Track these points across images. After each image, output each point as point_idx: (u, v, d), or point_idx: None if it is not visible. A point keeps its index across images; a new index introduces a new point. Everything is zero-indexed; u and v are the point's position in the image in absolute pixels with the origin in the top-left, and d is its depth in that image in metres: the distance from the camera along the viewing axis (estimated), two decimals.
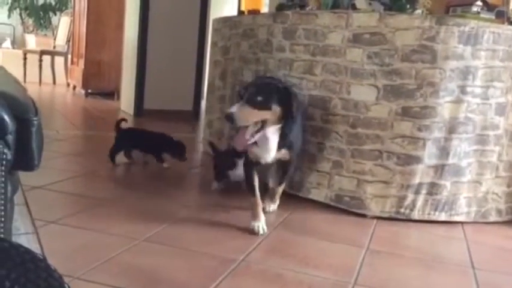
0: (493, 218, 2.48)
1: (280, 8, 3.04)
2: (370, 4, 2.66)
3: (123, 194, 2.43)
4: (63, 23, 7.70)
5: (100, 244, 1.74)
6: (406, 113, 2.29)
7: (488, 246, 2.17)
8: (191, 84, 5.22)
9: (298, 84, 2.54)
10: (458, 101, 2.29)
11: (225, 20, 3.45)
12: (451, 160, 2.34)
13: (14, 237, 1.55)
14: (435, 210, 2.37)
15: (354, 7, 2.62)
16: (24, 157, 1.21)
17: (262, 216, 2.05)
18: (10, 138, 1.16)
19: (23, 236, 1.74)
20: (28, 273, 0.74)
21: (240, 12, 3.72)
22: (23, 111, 1.21)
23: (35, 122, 1.23)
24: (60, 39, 7.66)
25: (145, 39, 4.99)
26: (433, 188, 2.35)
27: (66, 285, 0.72)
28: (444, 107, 2.28)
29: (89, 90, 6.41)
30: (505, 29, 2.35)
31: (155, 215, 2.12)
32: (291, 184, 2.57)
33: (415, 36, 2.25)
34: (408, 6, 2.65)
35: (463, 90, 2.29)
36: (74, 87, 7.07)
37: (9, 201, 1.21)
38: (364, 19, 2.34)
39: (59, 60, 7.58)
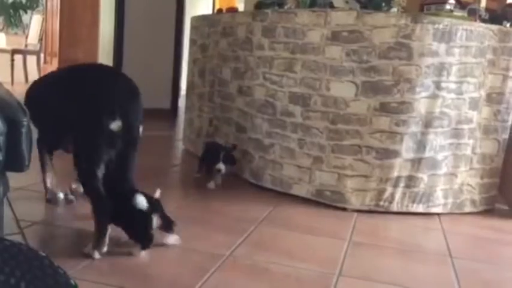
0: (468, 208, 2.58)
1: (258, 6, 3.07)
2: (346, 2, 2.72)
3: None
4: (35, 21, 7.55)
5: (87, 243, 1.75)
6: (384, 108, 2.36)
7: (464, 236, 2.26)
8: (169, 82, 5.21)
9: (278, 81, 2.59)
10: (433, 97, 2.37)
11: (204, 18, 3.47)
12: (427, 153, 2.42)
13: None
14: (413, 202, 2.45)
15: (331, 5, 2.68)
16: (15, 158, 1.22)
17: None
18: (1, 139, 1.16)
19: (8, 237, 1.72)
20: (34, 270, 0.76)
21: (219, 10, 3.74)
22: (13, 113, 1.21)
23: (25, 123, 1.24)
24: (32, 38, 7.52)
25: (122, 37, 4.95)
26: (411, 181, 2.43)
27: (72, 281, 0.74)
28: (420, 102, 2.36)
29: None
30: (477, 26, 2.43)
31: None
32: (274, 180, 2.61)
33: (392, 34, 2.32)
34: (383, 4, 2.72)
35: (438, 86, 2.37)
36: None
37: (1, 201, 1.21)
38: (342, 17, 2.39)
39: (32, 59, 7.44)
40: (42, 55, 7.26)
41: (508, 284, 1.74)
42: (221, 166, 2.53)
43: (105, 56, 5.17)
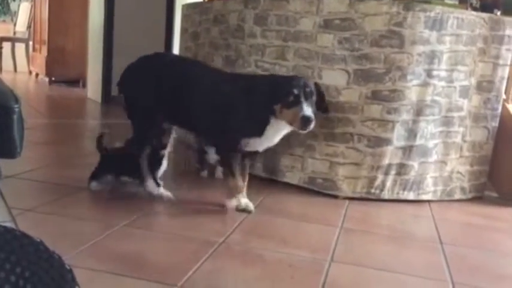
0: (457, 195, 2.61)
1: None
2: None
3: None
4: (23, 8, 7.46)
5: (80, 231, 1.75)
6: (375, 96, 2.37)
7: (454, 223, 2.29)
8: None
9: (271, 69, 2.58)
10: (425, 85, 2.38)
11: (195, 6, 3.44)
12: (418, 141, 2.43)
13: None
14: (404, 189, 2.47)
15: None
16: (7, 145, 1.21)
17: (245, 194, 2.11)
18: None
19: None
20: (29, 255, 0.76)
21: None
22: (5, 100, 1.20)
23: (16, 110, 1.23)
24: (21, 26, 7.43)
25: (111, 24, 4.91)
26: (402, 169, 2.45)
27: (66, 265, 0.74)
28: (412, 90, 2.37)
29: (53, 78, 6.26)
30: (468, 14, 2.44)
31: (133, 201, 2.13)
32: (266, 168, 2.62)
33: (384, 21, 2.32)
34: None
35: (429, 74, 2.38)
36: (37, 75, 6.89)
37: None
38: (334, 5, 2.39)
39: (20, 47, 7.36)
40: (30, 43, 7.19)
41: (496, 269, 1.77)
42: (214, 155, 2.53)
43: (95, 44, 5.12)
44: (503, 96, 2.66)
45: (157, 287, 1.39)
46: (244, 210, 2.08)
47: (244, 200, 2.10)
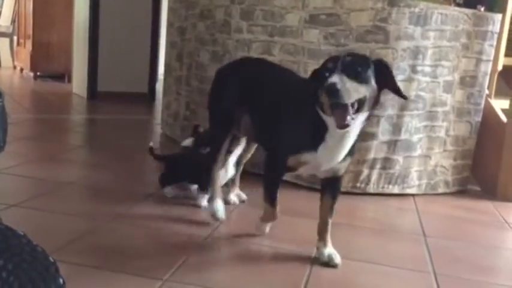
0: (441, 189, 2.64)
1: None
2: None
3: (84, 176, 2.41)
4: (7, 2, 7.35)
5: (66, 226, 1.74)
6: None
7: (437, 216, 2.32)
8: (146, 65, 5.15)
9: None
10: (409, 80, 2.41)
11: (181, 1, 3.43)
12: (403, 136, 2.46)
13: None
14: (389, 183, 2.50)
15: None
16: None
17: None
18: None
19: None
20: (12, 248, 0.76)
21: None
22: None
23: (0, 104, 1.22)
24: (5, 20, 7.33)
25: (97, 19, 4.86)
26: (387, 163, 2.48)
27: (50, 258, 0.74)
28: None
29: (38, 73, 6.20)
30: (452, 10, 2.47)
31: (118, 195, 2.13)
32: (254, 163, 2.63)
33: (369, 17, 2.34)
34: None
35: (413, 69, 2.40)
36: (22, 70, 6.81)
37: None
38: (320, 0, 2.40)
39: (4, 42, 7.27)
40: (15, 37, 7.10)
41: (477, 260, 1.80)
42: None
43: (80, 39, 5.07)
44: (486, 91, 2.70)
45: (142, 281, 1.40)
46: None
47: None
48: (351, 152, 1.57)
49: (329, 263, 1.61)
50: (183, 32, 3.29)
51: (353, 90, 1.37)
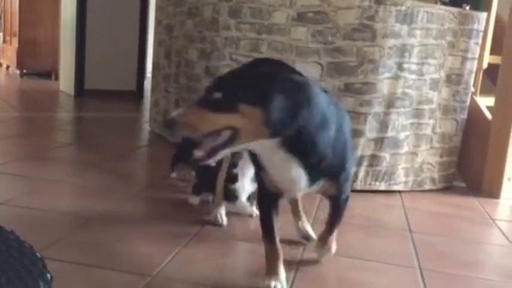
0: (427, 186, 2.67)
1: None
2: None
3: (72, 174, 2.41)
4: None
5: (54, 223, 1.74)
6: (348, 89, 2.40)
7: (423, 212, 2.35)
8: (134, 63, 5.13)
9: (245, 62, 2.59)
10: (396, 77, 2.43)
11: None
12: (390, 133, 2.49)
13: None
14: (376, 180, 2.52)
15: None
16: None
17: (281, 272, 1.42)
18: None
19: None
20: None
21: None
22: None
23: None
24: None
25: (84, 16, 4.83)
26: (374, 160, 2.50)
27: (37, 254, 0.74)
28: (383, 83, 2.41)
29: (24, 71, 6.15)
30: (438, 9, 2.50)
31: (106, 193, 2.12)
32: None
33: (356, 15, 2.36)
34: None
35: (400, 67, 2.43)
36: (8, 68, 6.75)
37: None
38: None
39: None
40: (1, 34, 7.03)
41: (462, 255, 1.83)
42: None
43: (67, 36, 5.03)
44: (472, 89, 2.74)
45: (130, 277, 1.40)
46: None
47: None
48: (328, 173, 1.32)
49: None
50: (171, 30, 3.29)
51: (208, 121, 1.14)
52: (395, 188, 2.57)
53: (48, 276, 0.67)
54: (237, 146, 1.19)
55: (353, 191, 2.44)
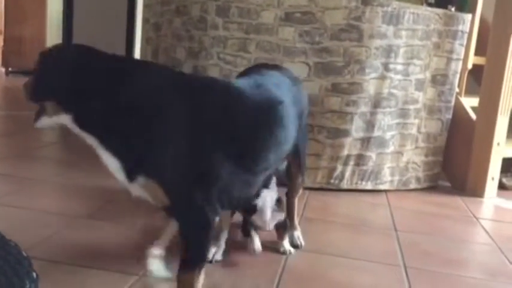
0: (413, 185, 2.70)
1: None
2: None
3: (58, 173, 2.39)
4: None
5: (40, 222, 1.73)
6: (335, 89, 2.42)
7: (408, 211, 2.38)
8: None
9: (233, 61, 2.60)
10: (382, 78, 2.45)
11: None
12: (376, 133, 2.51)
13: None
14: (362, 179, 2.55)
15: None
16: None
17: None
18: None
19: None
20: None
21: None
22: None
23: None
24: None
25: (71, 13, 4.80)
26: (360, 159, 2.52)
27: (23, 252, 0.74)
28: (370, 83, 2.44)
29: (10, 69, 6.07)
30: (423, 10, 2.53)
31: (92, 192, 2.12)
32: None
33: (343, 15, 2.37)
34: None
35: (386, 67, 2.45)
36: None
37: None
38: None
39: None
40: None
41: (446, 253, 1.86)
42: None
43: (53, 34, 5.00)
44: (456, 90, 2.77)
45: (118, 276, 1.40)
46: None
47: None
48: (150, 171, 1.15)
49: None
50: (159, 28, 3.28)
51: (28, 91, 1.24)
52: (381, 187, 2.60)
53: (34, 275, 0.67)
54: (52, 117, 1.21)
55: (339, 190, 2.48)
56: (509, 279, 1.68)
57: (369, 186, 2.56)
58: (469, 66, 2.90)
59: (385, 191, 2.60)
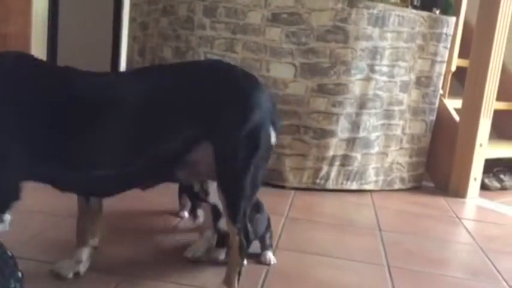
0: (397, 185, 2.74)
1: None
2: None
3: None
4: None
5: (25, 222, 1.72)
6: (321, 89, 2.44)
7: (392, 211, 2.41)
8: (107, 60, 5.08)
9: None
10: (367, 79, 2.48)
11: None
12: (361, 134, 2.54)
13: None
14: (347, 180, 2.57)
15: None
16: None
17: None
18: None
19: None
20: None
21: None
22: None
23: None
24: None
25: (57, 11, 4.75)
26: (346, 160, 2.54)
27: (8, 252, 0.75)
28: (355, 84, 2.46)
29: None
30: (408, 13, 2.56)
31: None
32: None
33: (329, 17, 2.40)
34: None
35: (372, 68, 2.48)
36: None
37: None
38: None
39: None
40: None
41: (428, 253, 1.89)
42: None
43: (39, 31, 4.95)
44: (440, 91, 2.81)
45: (102, 276, 1.40)
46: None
47: None
48: None
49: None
50: (146, 27, 3.27)
51: None
52: (366, 187, 2.63)
53: (19, 274, 0.67)
54: None
55: (325, 190, 2.51)
56: (490, 278, 1.71)
57: (354, 186, 2.59)
58: (453, 68, 2.95)
59: (370, 191, 2.63)
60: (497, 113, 2.82)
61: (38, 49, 5.04)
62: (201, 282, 1.43)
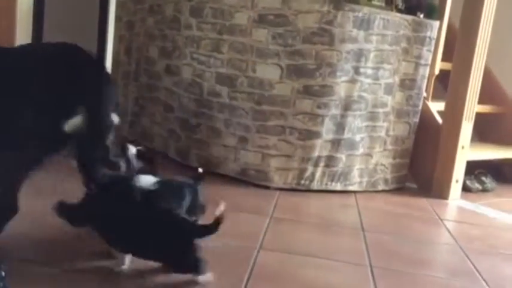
0: (381, 187, 2.77)
1: None
2: None
3: None
4: None
5: (11, 222, 1.70)
6: (307, 91, 2.46)
7: (376, 211, 2.44)
8: None
9: (206, 62, 2.61)
10: (352, 81, 2.51)
11: None
12: (346, 135, 2.56)
13: None
14: (332, 181, 2.59)
15: None
16: None
17: None
18: None
19: None
20: None
21: None
22: None
23: None
24: None
25: (42, 10, 4.71)
26: (330, 161, 2.57)
27: None
28: (341, 86, 2.48)
29: None
30: (393, 16, 2.59)
31: (59, 191, 2.09)
32: (199, 159, 2.65)
33: (315, 19, 2.42)
34: None
35: (357, 71, 2.50)
36: None
37: None
38: (268, 0, 2.45)
39: None
40: None
41: (411, 254, 1.91)
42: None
43: (23, 30, 4.90)
44: (424, 94, 2.85)
45: (86, 275, 1.39)
46: None
47: None
48: None
49: None
50: (132, 27, 3.26)
51: None
52: (351, 188, 2.65)
53: (2, 273, 0.67)
54: None
55: (309, 191, 2.52)
56: (470, 277, 1.75)
57: (338, 187, 2.61)
58: (437, 71, 2.98)
59: (354, 192, 2.65)
60: (479, 116, 2.86)
61: None
62: None
